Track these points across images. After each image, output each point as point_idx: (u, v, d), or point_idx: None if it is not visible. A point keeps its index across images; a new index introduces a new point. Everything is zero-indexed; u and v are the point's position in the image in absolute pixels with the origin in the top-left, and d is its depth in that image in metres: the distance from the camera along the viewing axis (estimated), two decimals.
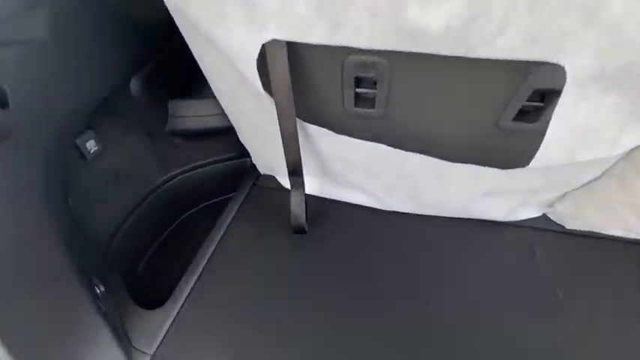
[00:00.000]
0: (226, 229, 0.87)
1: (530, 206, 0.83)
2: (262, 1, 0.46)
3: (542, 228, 0.83)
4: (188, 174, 1.00)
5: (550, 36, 0.41)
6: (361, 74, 0.54)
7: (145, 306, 0.72)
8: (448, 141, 0.60)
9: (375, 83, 0.55)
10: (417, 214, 0.85)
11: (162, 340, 0.66)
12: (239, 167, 1.05)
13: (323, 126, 0.64)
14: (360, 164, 0.70)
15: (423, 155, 0.62)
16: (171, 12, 0.58)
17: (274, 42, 0.51)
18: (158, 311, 0.71)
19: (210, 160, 1.02)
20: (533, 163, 0.53)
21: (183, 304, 0.71)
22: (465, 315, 0.67)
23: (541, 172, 0.59)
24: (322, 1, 0.45)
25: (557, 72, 0.45)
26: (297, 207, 0.78)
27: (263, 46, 0.52)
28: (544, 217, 0.85)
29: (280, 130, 0.63)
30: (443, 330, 0.65)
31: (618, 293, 0.70)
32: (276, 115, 0.61)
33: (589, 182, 0.68)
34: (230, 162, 1.04)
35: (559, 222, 0.83)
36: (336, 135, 0.64)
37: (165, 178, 0.96)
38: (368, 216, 0.87)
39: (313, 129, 0.66)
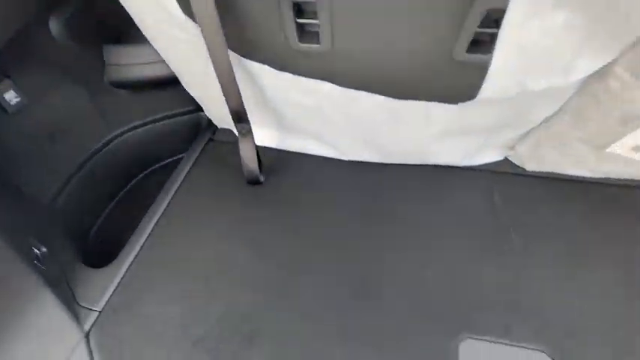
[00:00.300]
0: (180, 185, 0.83)
1: (491, 149, 0.80)
2: None
3: (503, 171, 0.82)
4: (138, 130, 0.94)
5: None
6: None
7: (99, 266, 0.70)
8: (399, 77, 0.56)
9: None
10: (377, 163, 0.83)
11: (110, 296, 0.64)
12: (195, 122, 1.00)
13: (264, 62, 0.59)
14: (312, 109, 0.65)
15: (374, 95, 0.57)
16: None
17: None
18: (106, 269, 0.69)
19: (162, 115, 0.95)
20: (481, 93, 0.49)
21: (132, 261, 0.69)
22: (417, 255, 0.67)
23: (493, 108, 0.56)
24: None
25: None
26: (247, 156, 0.74)
27: None
28: (506, 160, 0.83)
29: (214, 67, 0.57)
30: (396, 269, 0.65)
31: (572, 235, 0.70)
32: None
33: (547, 120, 0.66)
34: (184, 117, 0.98)
35: (520, 164, 0.81)
36: (280, 73, 0.58)
37: (112, 135, 0.90)
38: (326, 166, 0.84)
39: (256, 68, 0.60)
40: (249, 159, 0.74)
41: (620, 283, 0.62)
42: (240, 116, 0.67)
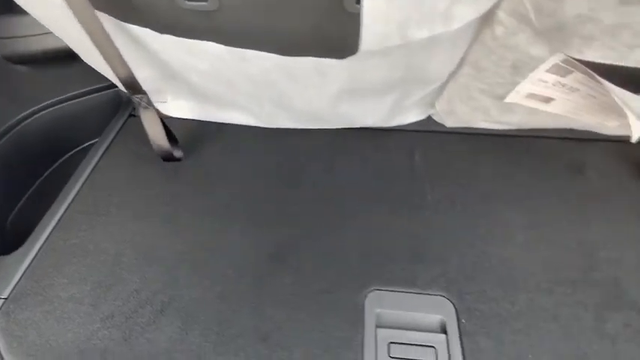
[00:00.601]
0: (95, 165, 0.79)
1: (415, 108, 0.81)
2: None
3: (426, 130, 0.83)
4: (50, 111, 0.88)
5: None
6: None
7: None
8: (291, 33, 0.54)
9: None
10: (300, 130, 0.82)
11: (17, 282, 0.62)
12: (114, 99, 0.94)
13: (148, 26, 0.55)
14: (209, 72, 0.62)
15: (262, 53, 0.55)
16: None
17: None
18: (12, 255, 0.66)
19: (74, 93, 0.89)
20: (362, 45, 0.48)
21: (42, 246, 0.66)
22: (332, 216, 0.68)
23: (384, 61, 0.55)
24: None
25: None
26: (152, 130, 0.71)
27: None
28: (429, 118, 0.84)
29: (88, 34, 0.53)
30: (312, 231, 0.66)
31: (482, 186, 0.72)
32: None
33: (454, 74, 0.66)
34: (101, 93, 0.92)
35: (440, 122, 0.82)
36: (163, 36, 0.55)
37: (17, 118, 0.84)
38: (247, 135, 0.82)
39: (138, 32, 0.56)
40: (155, 133, 0.71)
41: (524, 227, 0.66)
42: (134, 86, 0.63)
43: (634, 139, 0.51)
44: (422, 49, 0.54)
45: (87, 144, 0.96)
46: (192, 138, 0.83)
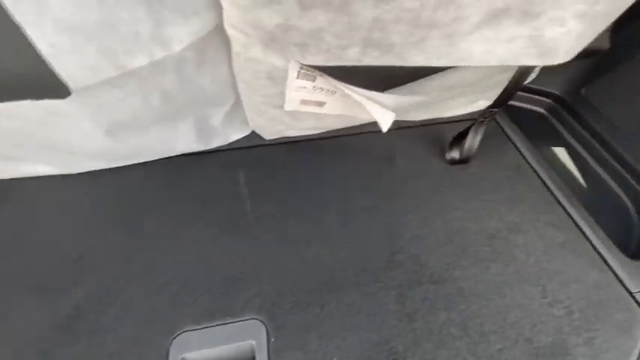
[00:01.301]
0: None
1: (230, 127, 0.79)
2: None
3: (250, 145, 0.82)
4: None
5: None
6: None
7: None
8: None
9: None
10: (110, 168, 0.74)
11: None
12: None
13: None
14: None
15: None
16: None
17: None
18: None
19: None
20: (73, 83, 0.44)
21: None
22: (162, 247, 0.62)
23: (137, 90, 0.51)
24: None
25: None
26: None
27: None
28: (254, 134, 0.83)
29: None
30: (120, 275, 0.59)
31: (304, 194, 0.73)
32: None
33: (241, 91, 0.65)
34: None
35: (262, 136, 0.82)
36: None
37: None
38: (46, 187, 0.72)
39: None
40: None
41: (339, 225, 0.67)
42: None
43: (384, 130, 0.55)
44: (175, 71, 0.52)
45: None
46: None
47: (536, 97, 0.96)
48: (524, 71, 0.59)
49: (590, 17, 0.45)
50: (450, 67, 0.58)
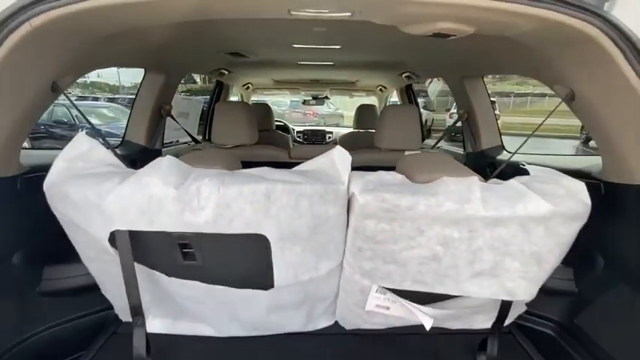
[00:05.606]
0: None
1: (324, 317, 1.21)
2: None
3: (334, 333, 1.21)
4: (54, 329, 1.15)
5: None
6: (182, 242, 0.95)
7: None
8: (237, 276, 1.00)
9: None
10: (242, 337, 1.15)
11: None
12: (104, 320, 1.24)
13: (162, 272, 0.98)
14: (189, 297, 1.02)
15: (223, 286, 0.99)
16: (53, 211, 0.93)
17: (118, 231, 0.89)
18: None
19: (75, 315, 1.20)
20: (275, 282, 0.94)
21: None
22: None
23: (292, 289, 1.01)
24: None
25: None
26: (138, 343, 1.01)
27: (112, 233, 0.89)
28: (336, 324, 1.23)
29: (123, 276, 0.93)
30: None
31: None
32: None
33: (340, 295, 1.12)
34: (96, 315, 1.23)
35: (344, 326, 1.22)
36: (169, 277, 0.98)
37: (28, 334, 1.09)
38: (206, 344, 1.13)
39: (157, 275, 0.99)
40: (139, 345, 1.01)
41: None
42: (136, 310, 0.99)
43: (427, 328, 0.95)
44: (309, 283, 1.02)
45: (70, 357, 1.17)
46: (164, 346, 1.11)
47: (541, 320, 1.29)
48: (506, 302, 1.01)
49: (530, 278, 0.91)
50: (460, 296, 1.02)
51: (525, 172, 1.02)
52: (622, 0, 0.88)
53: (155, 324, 1.08)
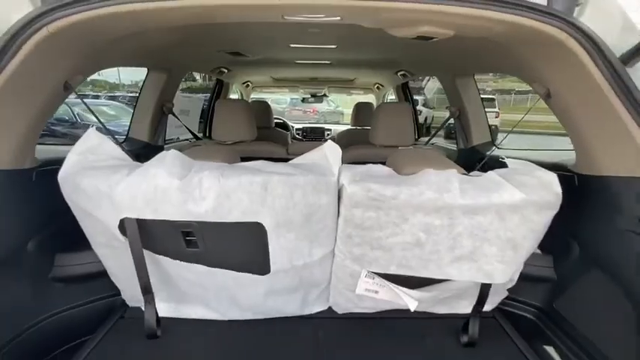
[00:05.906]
0: (89, 352, 1.09)
1: (316, 302, 1.29)
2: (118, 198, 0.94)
3: (327, 317, 1.29)
4: (65, 313, 1.23)
5: None
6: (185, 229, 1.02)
7: None
8: (237, 261, 1.08)
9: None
10: (243, 320, 1.23)
11: None
12: (111, 305, 1.32)
13: (166, 256, 1.06)
14: (194, 281, 1.10)
15: (221, 270, 1.06)
16: (67, 200, 1.01)
17: (127, 219, 0.97)
18: None
19: (84, 300, 1.28)
20: (272, 266, 1.02)
21: None
22: None
23: (287, 277, 1.08)
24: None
25: None
26: (149, 317, 1.09)
27: (121, 220, 0.97)
28: (329, 309, 1.31)
29: (134, 261, 1.01)
30: None
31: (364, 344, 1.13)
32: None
33: (331, 279, 1.20)
34: (103, 301, 1.31)
35: (337, 310, 1.30)
36: (173, 261, 1.06)
37: (43, 317, 1.17)
38: (210, 326, 1.21)
39: (162, 259, 1.06)
40: (150, 319, 1.09)
41: None
42: (147, 289, 1.07)
43: (412, 310, 1.02)
44: (303, 269, 1.10)
45: (78, 341, 1.25)
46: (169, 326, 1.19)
47: (522, 305, 1.37)
48: (485, 286, 1.08)
49: (506, 262, 0.99)
50: (444, 280, 1.09)
51: (506, 166, 1.10)
52: (591, 5, 0.96)
53: (160, 307, 1.16)
